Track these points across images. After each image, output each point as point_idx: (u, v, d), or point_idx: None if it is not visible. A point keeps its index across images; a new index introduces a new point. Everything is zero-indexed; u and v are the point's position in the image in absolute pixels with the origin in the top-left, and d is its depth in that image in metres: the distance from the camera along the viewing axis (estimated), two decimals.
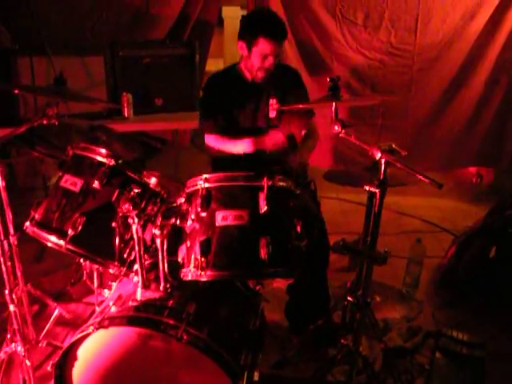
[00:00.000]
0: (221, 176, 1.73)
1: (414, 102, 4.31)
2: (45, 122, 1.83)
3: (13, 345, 1.98)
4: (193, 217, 1.71)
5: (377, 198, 1.77)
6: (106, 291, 2.33)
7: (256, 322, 1.94)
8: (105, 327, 1.61)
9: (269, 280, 2.59)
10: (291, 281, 2.42)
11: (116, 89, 3.48)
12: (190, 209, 1.74)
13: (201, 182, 1.72)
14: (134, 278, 1.81)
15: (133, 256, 1.81)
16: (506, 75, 4.23)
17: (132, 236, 1.72)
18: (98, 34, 3.72)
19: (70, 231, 1.74)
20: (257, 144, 2.33)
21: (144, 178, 1.83)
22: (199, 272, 1.64)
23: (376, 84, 4.23)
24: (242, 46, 2.33)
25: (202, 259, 1.64)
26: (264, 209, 1.65)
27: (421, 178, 1.67)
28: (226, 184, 1.72)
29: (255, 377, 1.77)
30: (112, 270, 1.82)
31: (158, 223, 1.69)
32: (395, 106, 4.30)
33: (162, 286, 1.75)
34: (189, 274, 1.69)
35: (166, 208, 1.81)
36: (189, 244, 1.72)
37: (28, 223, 1.83)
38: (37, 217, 1.83)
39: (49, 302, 2.52)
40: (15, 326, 1.93)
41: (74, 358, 1.70)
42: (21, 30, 3.45)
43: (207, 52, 4.15)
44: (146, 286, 1.76)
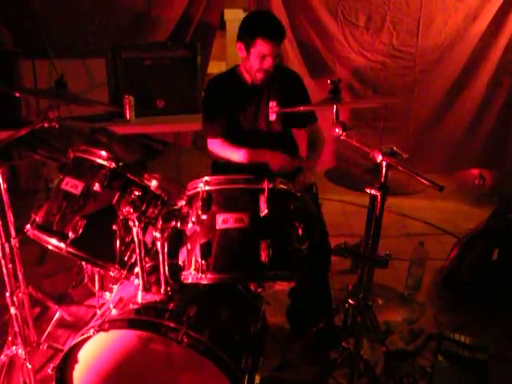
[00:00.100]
0: (221, 179, 1.73)
1: (416, 104, 4.32)
2: (46, 125, 1.83)
3: (14, 347, 1.98)
4: (193, 219, 1.71)
5: (378, 201, 1.76)
6: (107, 294, 2.33)
7: (257, 324, 1.94)
8: (105, 330, 1.60)
9: (270, 283, 2.58)
10: (293, 284, 2.43)
11: (118, 91, 3.48)
12: (190, 211, 1.74)
13: (201, 185, 1.72)
14: (135, 281, 1.81)
15: (133, 259, 1.81)
16: (509, 77, 4.23)
17: (133, 239, 1.72)
18: (100, 36, 3.73)
19: (70, 234, 1.74)
20: (252, 155, 2.32)
21: (145, 180, 1.83)
22: (200, 275, 1.64)
23: (378, 86, 4.23)
24: (240, 48, 2.34)
25: (203, 262, 1.64)
26: (264, 212, 1.65)
27: (422, 180, 1.66)
28: (227, 187, 1.72)
29: (256, 380, 1.77)
30: (113, 272, 1.82)
31: (159, 226, 1.69)
32: (397, 107, 4.30)
33: (162, 289, 1.75)
34: (189, 277, 1.68)
35: (166, 211, 1.81)
36: (189, 247, 1.72)
37: (29, 226, 1.83)
38: (37, 219, 1.83)
39: (50, 304, 2.53)
40: (16, 328, 1.92)
41: (75, 361, 1.70)
42: (23, 32, 3.46)
43: (209, 54, 4.16)
44: (146, 288, 1.75)
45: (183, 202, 1.78)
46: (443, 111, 4.35)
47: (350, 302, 1.99)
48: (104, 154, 1.83)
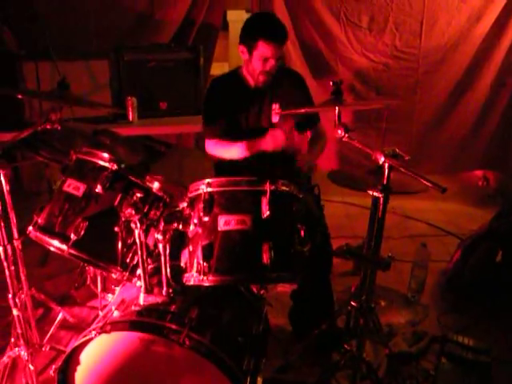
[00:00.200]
0: (223, 181, 1.73)
1: (420, 105, 4.31)
2: (48, 127, 1.83)
3: (16, 349, 1.98)
4: (195, 221, 1.71)
5: (380, 203, 1.76)
6: (109, 295, 2.33)
7: (259, 326, 1.94)
8: (107, 332, 1.60)
9: (272, 285, 2.58)
10: (295, 285, 2.42)
11: (120, 92, 3.49)
12: (192, 213, 1.74)
13: (203, 187, 1.72)
14: (137, 283, 1.81)
15: (135, 261, 1.81)
16: None
17: (135, 241, 1.72)
18: (103, 38, 3.73)
19: (72, 236, 1.74)
20: (251, 147, 2.30)
21: (147, 182, 1.83)
22: (201, 277, 1.64)
23: (381, 87, 4.22)
24: (242, 50, 2.33)
25: (205, 264, 1.64)
26: (266, 213, 1.65)
27: (424, 182, 1.66)
28: (229, 189, 1.72)
29: (258, 382, 1.77)
30: (115, 274, 1.82)
31: (161, 228, 1.69)
32: (400, 109, 4.29)
33: (164, 291, 1.75)
34: (191, 279, 1.68)
35: (168, 212, 1.81)
36: (191, 249, 1.72)
37: (31, 228, 1.83)
38: (40, 221, 1.83)
39: (53, 305, 2.52)
40: (19, 330, 1.93)
41: (77, 363, 1.70)
42: (26, 34, 3.47)
43: (212, 56, 4.15)
44: (148, 290, 1.75)
45: (185, 204, 1.78)
46: (446, 112, 4.34)
47: (353, 303, 1.98)
48: (106, 155, 1.83)
